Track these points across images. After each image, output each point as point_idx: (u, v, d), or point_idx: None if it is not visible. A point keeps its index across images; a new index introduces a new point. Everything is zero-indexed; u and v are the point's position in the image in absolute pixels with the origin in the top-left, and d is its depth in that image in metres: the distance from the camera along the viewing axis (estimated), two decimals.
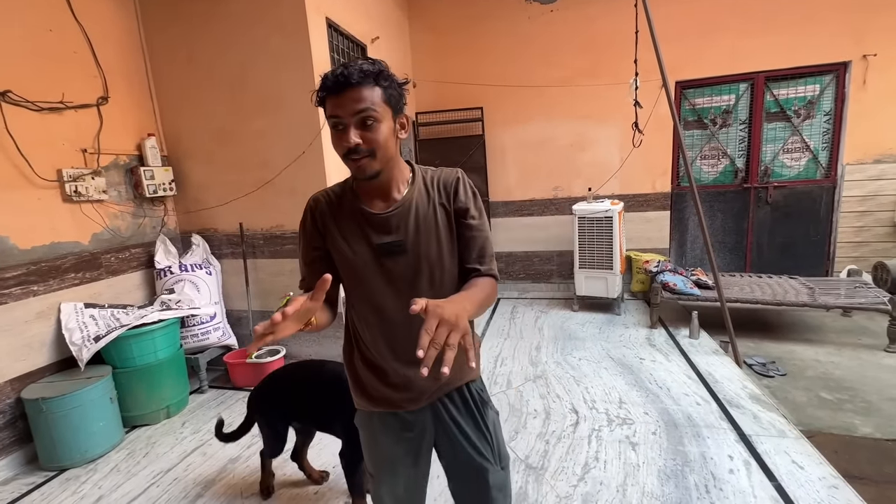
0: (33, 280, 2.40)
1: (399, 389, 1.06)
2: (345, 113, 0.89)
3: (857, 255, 4.26)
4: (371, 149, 0.91)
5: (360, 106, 0.89)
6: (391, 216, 1.00)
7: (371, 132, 0.90)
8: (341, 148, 0.92)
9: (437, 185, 1.05)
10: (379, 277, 1.01)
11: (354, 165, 0.93)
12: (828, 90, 4.17)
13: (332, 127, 0.92)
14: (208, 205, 3.29)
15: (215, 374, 3.23)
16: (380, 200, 1.02)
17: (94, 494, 2.07)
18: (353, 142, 0.89)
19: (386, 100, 0.92)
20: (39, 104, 2.44)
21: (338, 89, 0.89)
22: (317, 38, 2.95)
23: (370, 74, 0.90)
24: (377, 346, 1.06)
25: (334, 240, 1.03)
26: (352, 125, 0.89)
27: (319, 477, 2.07)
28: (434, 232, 1.01)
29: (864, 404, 2.60)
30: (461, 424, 1.10)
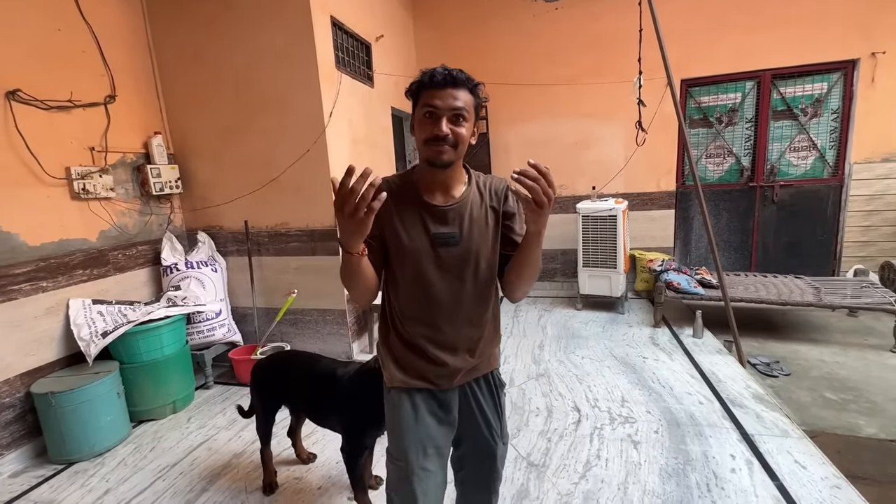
0: (42, 276, 2.44)
1: (436, 365, 1.15)
2: (443, 105, 1.01)
3: (864, 254, 4.22)
4: (455, 141, 1.03)
5: (457, 103, 1.01)
6: (449, 210, 1.11)
7: (458, 127, 1.03)
8: (428, 133, 1.02)
9: (490, 189, 1.17)
10: (431, 263, 1.11)
11: (435, 150, 1.03)
12: (835, 88, 4.13)
13: (425, 115, 1.03)
14: (214, 202, 3.32)
15: (220, 370, 3.27)
16: (440, 194, 1.13)
17: (102, 487, 2.11)
18: (445, 130, 1.01)
19: (474, 106, 1.06)
20: (48, 103, 2.48)
21: (443, 84, 1.01)
22: (321, 36, 2.96)
23: (469, 82, 1.04)
24: (417, 328, 1.14)
25: (392, 225, 1.11)
26: (445, 117, 1.01)
27: (307, 457, 2.19)
28: (484, 229, 1.13)
29: (869, 405, 2.59)
30: (484, 408, 1.22)
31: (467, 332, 1.16)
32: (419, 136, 1.05)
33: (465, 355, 1.17)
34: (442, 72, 1.02)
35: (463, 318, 1.15)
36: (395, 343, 1.19)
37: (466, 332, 1.16)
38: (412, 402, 1.17)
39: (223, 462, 2.24)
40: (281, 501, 1.94)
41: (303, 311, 3.30)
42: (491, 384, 1.25)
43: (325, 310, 3.27)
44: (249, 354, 3.06)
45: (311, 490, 2.00)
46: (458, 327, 1.15)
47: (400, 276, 1.14)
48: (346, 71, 3.28)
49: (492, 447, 1.24)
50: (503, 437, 1.27)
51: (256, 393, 2.00)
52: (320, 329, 3.32)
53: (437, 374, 1.16)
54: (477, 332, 1.18)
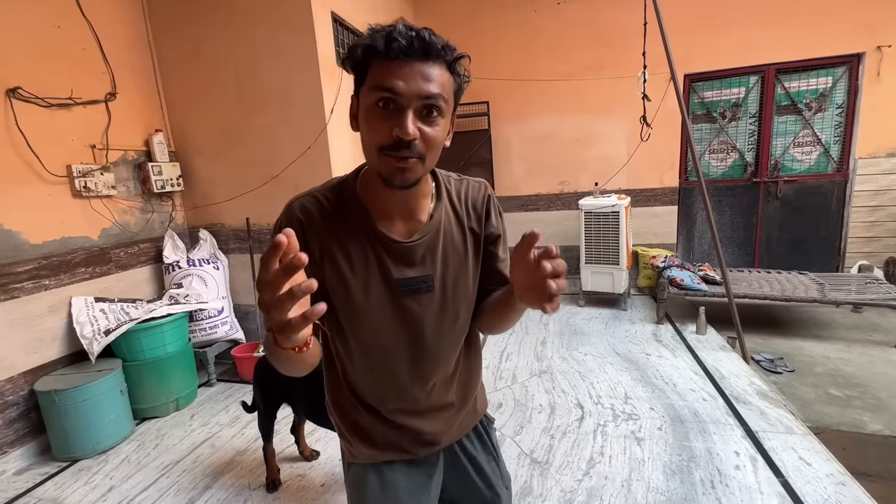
0: (45, 274, 2.44)
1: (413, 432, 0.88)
2: (409, 90, 0.64)
3: (868, 250, 4.20)
4: (425, 148, 0.68)
5: (431, 88, 0.65)
6: (416, 245, 0.78)
7: (431, 125, 0.67)
8: (382, 136, 0.66)
9: (466, 203, 0.85)
10: (394, 320, 0.80)
11: (395, 166, 0.67)
12: (840, 82, 4.09)
13: (378, 103, 0.65)
14: (215, 200, 3.31)
15: (223, 368, 3.27)
16: (400, 221, 0.78)
17: (106, 485, 2.11)
18: (412, 132, 0.65)
19: (454, 92, 0.71)
20: (49, 100, 2.47)
21: (407, 53, 0.63)
22: (322, 32, 2.94)
23: (450, 53, 0.67)
24: (380, 399, 0.87)
25: (337, 270, 0.77)
26: (411, 109, 0.65)
27: (311, 454, 2.19)
28: (462, 262, 0.83)
29: (874, 401, 2.58)
30: (481, 465, 0.98)
31: (445, 391, 0.89)
32: (368, 136, 0.68)
33: (446, 414, 0.91)
34: (406, 32, 0.63)
35: (440, 376, 0.87)
36: (352, 407, 0.88)
37: (444, 391, 0.89)
38: (380, 478, 0.88)
39: (226, 459, 2.24)
40: (284, 498, 1.94)
41: None
42: (482, 434, 1.00)
43: None
44: (252, 352, 3.06)
45: (315, 487, 2.00)
46: (435, 389, 0.88)
47: (350, 335, 0.81)
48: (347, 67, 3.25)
49: (491, 500, 0.99)
50: (505, 482, 1.02)
51: (259, 390, 1.99)
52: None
53: (412, 441, 0.88)
54: (457, 384, 0.92)
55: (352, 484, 0.91)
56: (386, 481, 0.88)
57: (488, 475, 0.99)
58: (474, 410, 0.98)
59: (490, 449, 1.01)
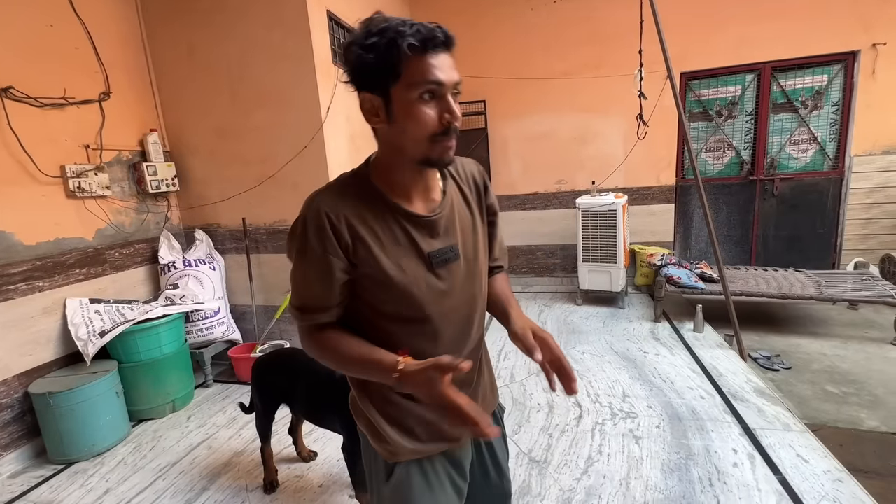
0: (38, 276, 2.42)
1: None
2: (448, 79, 0.71)
3: (864, 247, 4.21)
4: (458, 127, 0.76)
5: (457, 76, 0.73)
6: (438, 217, 0.83)
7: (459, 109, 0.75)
8: (434, 123, 0.72)
9: (468, 179, 0.92)
10: (430, 291, 0.82)
11: (447, 147, 0.75)
12: (836, 80, 4.11)
13: (423, 94, 0.71)
14: (211, 200, 3.29)
15: (220, 369, 3.25)
16: (420, 200, 0.83)
17: (102, 487, 2.10)
18: (459, 114, 0.73)
19: None
20: (41, 100, 2.44)
21: (446, 46, 0.71)
22: (318, 30, 2.92)
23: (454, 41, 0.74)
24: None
25: (372, 257, 0.79)
26: (449, 96, 0.73)
27: (308, 455, 2.18)
28: (474, 231, 0.89)
29: (871, 398, 2.59)
30: (498, 458, 1.01)
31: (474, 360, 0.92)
32: (417, 129, 0.72)
33: (479, 390, 0.95)
34: (433, 27, 0.71)
35: (471, 344, 0.91)
36: (390, 399, 0.87)
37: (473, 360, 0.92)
38: (425, 477, 0.87)
39: (224, 460, 2.23)
40: (282, 499, 1.93)
41: None
42: (498, 420, 1.04)
43: None
44: (249, 352, 3.05)
45: (312, 488, 1.99)
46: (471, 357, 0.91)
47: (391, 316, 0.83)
48: (343, 65, 3.24)
49: (503, 488, 1.03)
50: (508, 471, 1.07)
51: (257, 390, 1.98)
52: None
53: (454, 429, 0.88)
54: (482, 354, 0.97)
55: (393, 486, 0.87)
56: (430, 480, 0.87)
57: (505, 472, 1.03)
58: (492, 390, 1.02)
59: (502, 439, 1.06)
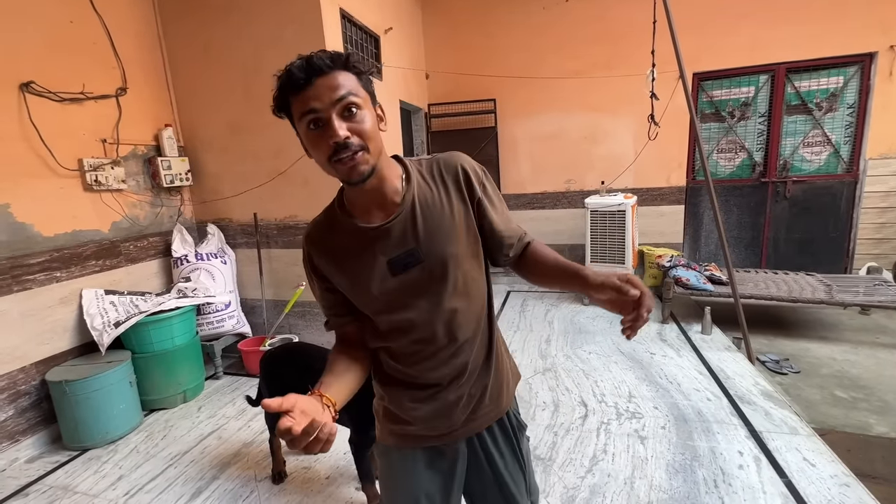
0: (56, 267, 2.48)
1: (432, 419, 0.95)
2: (322, 104, 0.75)
3: (877, 252, 4.16)
4: (362, 139, 0.77)
5: (339, 93, 0.76)
6: (394, 224, 0.86)
7: (356, 121, 0.77)
8: (325, 148, 0.77)
9: (440, 175, 0.91)
10: (400, 296, 0.88)
11: (347, 166, 0.77)
12: (852, 82, 4.05)
13: (309, 126, 0.77)
14: (223, 195, 3.34)
15: (230, 361, 3.31)
16: (378, 210, 0.87)
17: (115, 474, 2.15)
18: (342, 134, 0.75)
19: (363, 85, 0.81)
20: (61, 95, 2.50)
21: (308, 80, 0.76)
22: (331, 28, 2.95)
23: (339, 59, 0.78)
24: (407, 371, 0.94)
25: (341, 275, 0.90)
26: (334, 116, 0.76)
27: None
28: (450, 225, 0.88)
29: (881, 403, 2.56)
30: (495, 460, 0.99)
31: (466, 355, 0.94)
32: (317, 156, 0.79)
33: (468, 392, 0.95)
34: (300, 64, 0.77)
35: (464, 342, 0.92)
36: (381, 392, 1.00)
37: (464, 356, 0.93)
38: (394, 461, 1.00)
39: (233, 451, 2.27)
40: (290, 490, 1.97)
41: (311, 303, 3.32)
42: (507, 427, 1.01)
43: None
44: (258, 346, 3.09)
45: (320, 479, 2.02)
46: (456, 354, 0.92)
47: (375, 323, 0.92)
48: None
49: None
50: (532, 495, 1.04)
51: (266, 382, 2.02)
52: None
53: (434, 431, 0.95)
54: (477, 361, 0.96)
55: (379, 455, 1.04)
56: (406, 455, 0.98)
57: (508, 480, 0.99)
58: (495, 399, 0.99)
59: (517, 453, 1.02)
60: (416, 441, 0.97)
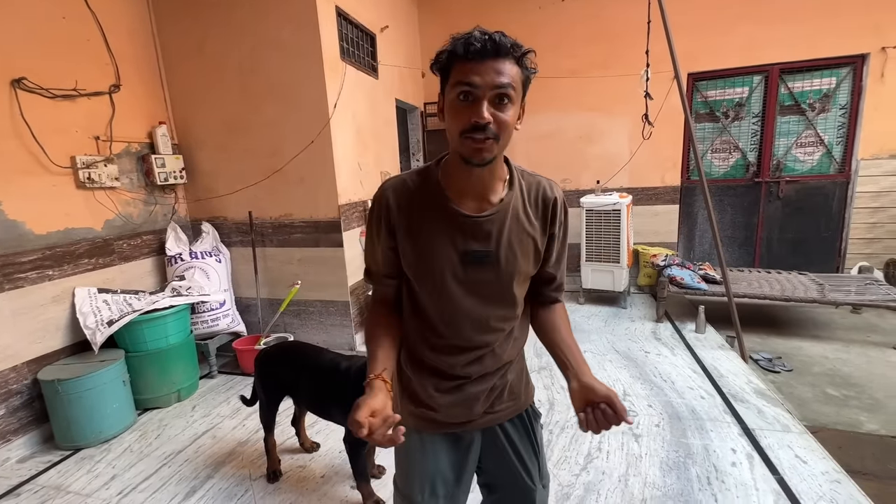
0: (48, 265, 2.45)
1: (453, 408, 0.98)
2: (484, 83, 0.77)
3: (869, 251, 4.20)
4: (499, 129, 0.80)
5: (502, 80, 0.78)
6: (485, 221, 0.88)
7: (503, 111, 0.80)
8: (463, 122, 0.79)
9: (537, 196, 0.95)
10: (457, 287, 0.91)
11: (474, 147, 0.80)
12: (844, 83, 4.09)
13: (459, 95, 0.79)
14: (218, 193, 3.32)
15: (224, 360, 3.29)
16: (472, 200, 0.90)
17: (109, 473, 2.14)
18: (486, 117, 0.77)
19: (522, 82, 0.83)
20: (53, 91, 2.47)
21: (483, 54, 0.77)
22: (326, 26, 2.94)
23: (516, 48, 0.80)
24: (439, 358, 0.97)
25: (411, 239, 0.91)
26: (486, 99, 0.78)
27: (311, 446, 2.21)
28: (524, 247, 0.92)
29: (871, 401, 2.59)
30: (517, 445, 1.04)
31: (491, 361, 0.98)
32: (452, 124, 0.82)
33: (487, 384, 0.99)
34: (480, 37, 0.78)
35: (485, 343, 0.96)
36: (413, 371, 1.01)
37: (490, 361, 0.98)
38: (420, 437, 1.02)
39: (228, 450, 2.27)
40: (285, 489, 1.96)
41: (306, 302, 3.32)
42: (526, 422, 1.06)
43: (329, 301, 3.28)
44: (253, 344, 3.08)
45: (315, 478, 2.02)
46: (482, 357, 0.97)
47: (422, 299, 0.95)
48: (350, 62, 3.26)
49: (524, 486, 1.04)
50: (543, 479, 1.08)
51: (260, 382, 2.01)
52: (323, 320, 3.33)
53: (454, 419, 0.99)
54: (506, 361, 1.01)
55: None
56: (424, 437, 1.02)
57: (526, 464, 1.05)
58: (515, 396, 1.05)
59: (532, 440, 1.07)
60: (435, 426, 1.01)
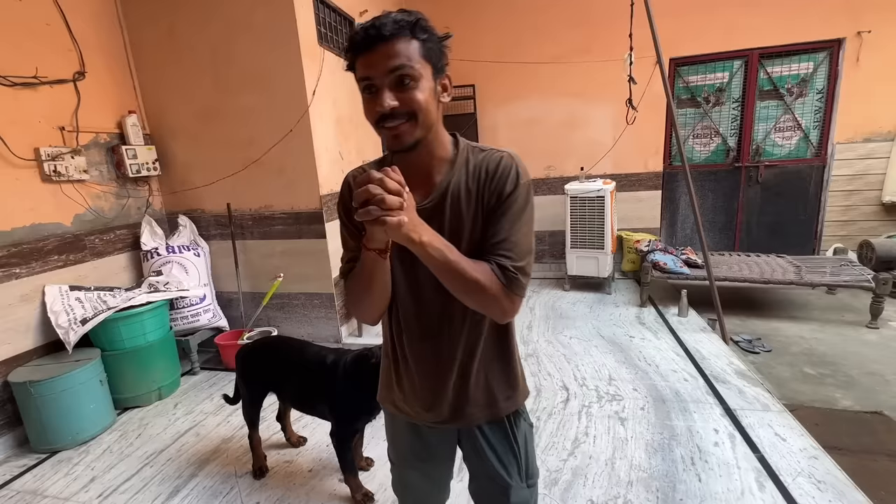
0: (15, 263, 2.34)
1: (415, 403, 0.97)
2: (377, 72, 0.75)
3: (843, 233, 4.31)
4: (410, 110, 0.77)
5: (395, 62, 0.75)
6: (423, 209, 0.83)
7: (408, 92, 0.76)
8: (373, 114, 0.78)
9: (480, 172, 0.85)
10: (402, 279, 0.89)
11: (391, 134, 0.79)
12: (821, 68, 4.14)
13: (364, 91, 0.79)
14: (194, 185, 3.21)
15: (207, 356, 3.22)
16: (418, 186, 0.85)
17: (87, 475, 2.08)
18: (388, 104, 0.75)
19: (425, 55, 0.78)
20: (11, 79, 2.34)
21: (368, 45, 0.75)
22: (302, 10, 2.84)
23: (405, 25, 0.75)
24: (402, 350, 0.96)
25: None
26: (385, 86, 0.76)
27: (298, 441, 2.18)
28: (470, 226, 0.85)
29: (846, 378, 2.68)
30: (494, 447, 0.99)
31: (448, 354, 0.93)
32: (367, 118, 0.81)
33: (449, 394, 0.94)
34: (365, 27, 0.75)
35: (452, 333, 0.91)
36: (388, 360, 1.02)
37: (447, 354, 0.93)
38: (393, 418, 1.07)
39: (212, 447, 2.22)
40: (272, 484, 1.94)
41: (289, 295, 3.26)
42: (507, 430, 0.99)
43: (313, 293, 3.23)
44: (236, 339, 3.02)
45: (302, 473, 2.00)
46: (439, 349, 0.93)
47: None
48: (329, 47, 3.16)
49: (501, 481, 0.99)
50: (523, 478, 1.01)
51: (242, 379, 1.97)
52: (308, 313, 3.28)
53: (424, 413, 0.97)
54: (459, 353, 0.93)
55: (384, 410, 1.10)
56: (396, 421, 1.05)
57: (500, 457, 0.99)
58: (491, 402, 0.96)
59: (507, 432, 0.99)
60: (404, 415, 1.01)
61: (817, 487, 1.74)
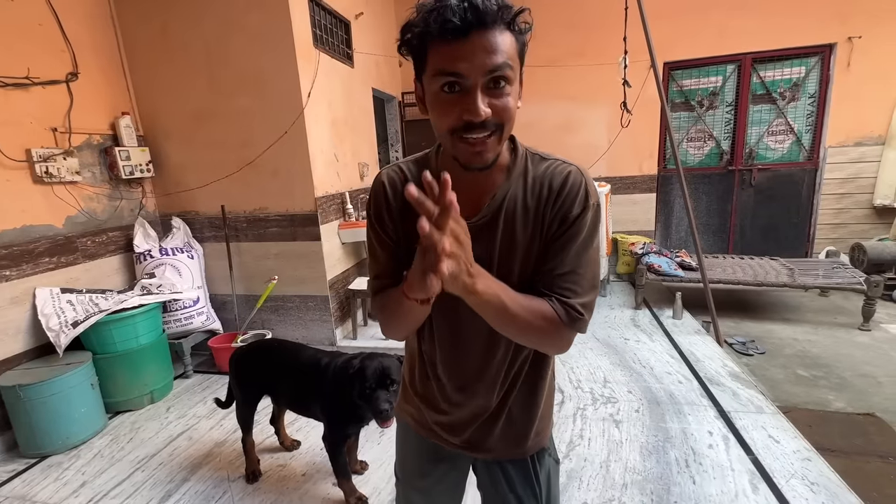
0: (5, 265, 2.31)
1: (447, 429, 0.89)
2: (473, 68, 0.59)
3: (835, 236, 4.35)
4: (500, 121, 0.63)
5: (497, 60, 0.59)
6: (474, 226, 0.68)
7: (502, 98, 0.62)
8: (453, 120, 0.62)
9: (542, 188, 0.73)
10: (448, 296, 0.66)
11: (472, 150, 0.64)
12: (813, 72, 4.19)
13: (443, 87, 0.62)
14: (188, 186, 3.19)
15: (200, 359, 3.19)
16: (466, 197, 0.68)
17: (78, 480, 2.05)
18: (483, 112, 0.60)
19: (519, 53, 0.64)
20: (3, 80, 2.32)
21: (465, 31, 0.58)
22: (298, 12, 2.84)
23: (508, 11, 0.60)
24: (435, 366, 0.87)
25: (408, 239, 0.76)
26: (479, 88, 0.61)
27: (291, 444, 2.17)
28: (525, 247, 0.73)
29: (838, 380, 2.69)
30: (510, 475, 0.89)
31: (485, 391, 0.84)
32: (439, 122, 0.65)
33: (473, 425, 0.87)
34: (458, 5, 0.57)
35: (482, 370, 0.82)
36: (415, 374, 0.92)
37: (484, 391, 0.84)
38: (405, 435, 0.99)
39: (205, 451, 2.20)
40: (265, 488, 1.92)
41: (284, 297, 3.24)
42: (530, 469, 0.88)
43: (307, 296, 3.21)
44: (230, 342, 3.00)
45: (296, 477, 1.98)
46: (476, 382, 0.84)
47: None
48: (324, 49, 3.16)
49: None
50: None
51: (237, 382, 1.95)
52: (302, 316, 3.27)
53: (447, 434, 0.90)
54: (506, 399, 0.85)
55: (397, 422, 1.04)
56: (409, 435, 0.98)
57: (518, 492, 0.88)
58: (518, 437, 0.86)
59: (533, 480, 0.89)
60: (424, 431, 0.94)
61: (810, 489, 1.74)
